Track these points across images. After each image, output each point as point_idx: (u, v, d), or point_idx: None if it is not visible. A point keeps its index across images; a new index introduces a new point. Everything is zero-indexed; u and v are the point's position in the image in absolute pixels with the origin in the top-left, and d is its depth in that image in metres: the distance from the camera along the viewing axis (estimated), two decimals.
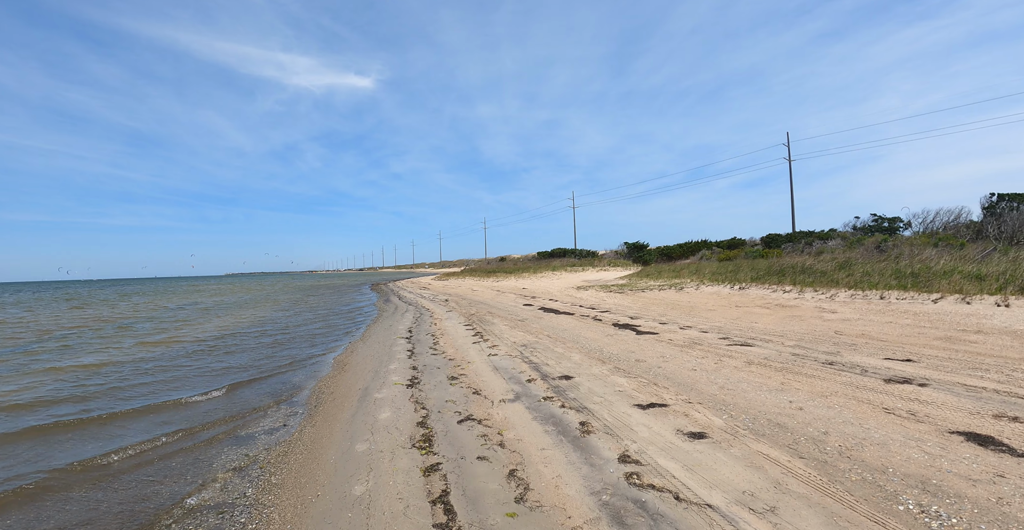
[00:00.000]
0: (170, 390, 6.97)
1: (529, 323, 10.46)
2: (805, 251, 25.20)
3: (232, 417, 5.68)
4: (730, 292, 14.23)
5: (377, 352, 8.54)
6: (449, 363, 6.88)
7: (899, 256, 13.85)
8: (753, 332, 7.91)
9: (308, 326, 14.19)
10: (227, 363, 8.80)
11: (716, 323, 9.08)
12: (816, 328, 8.03)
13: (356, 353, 8.98)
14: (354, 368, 7.62)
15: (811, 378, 5.07)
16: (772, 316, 9.62)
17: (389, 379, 6.27)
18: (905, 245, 16.27)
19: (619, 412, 4.20)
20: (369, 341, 10.17)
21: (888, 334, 7.23)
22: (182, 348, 10.61)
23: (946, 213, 25.34)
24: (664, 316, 10.40)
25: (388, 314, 15.80)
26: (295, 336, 12.10)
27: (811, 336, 7.32)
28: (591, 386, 5.04)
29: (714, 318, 9.78)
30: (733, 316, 9.90)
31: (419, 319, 12.91)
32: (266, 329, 13.84)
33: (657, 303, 13.21)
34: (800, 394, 4.58)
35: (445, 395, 5.24)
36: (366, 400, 5.47)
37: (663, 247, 41.51)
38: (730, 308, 11.24)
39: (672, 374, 5.47)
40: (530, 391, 5.04)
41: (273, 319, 16.73)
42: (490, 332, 9.45)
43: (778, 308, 10.64)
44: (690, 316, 10.25)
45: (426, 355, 7.65)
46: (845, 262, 14.08)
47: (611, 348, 7.16)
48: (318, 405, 5.84)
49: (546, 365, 6.18)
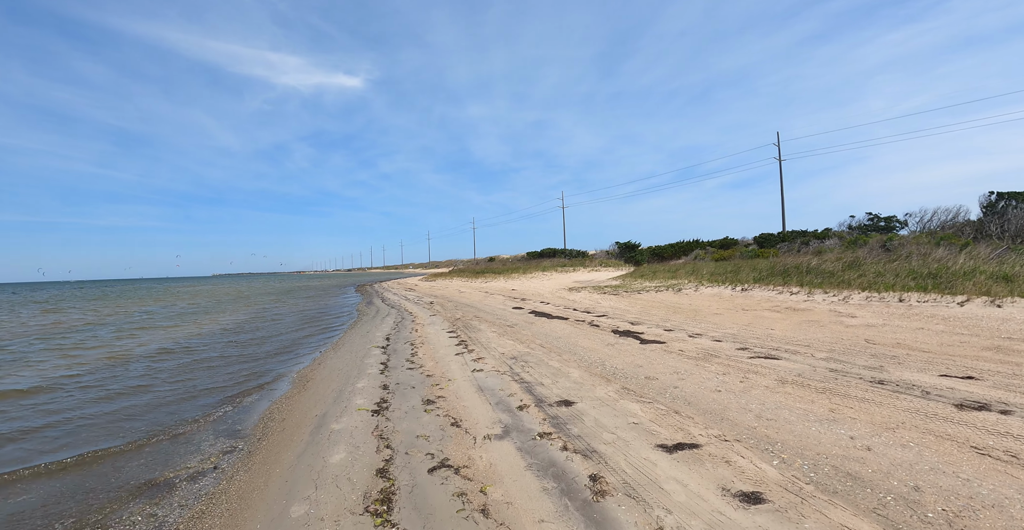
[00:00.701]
0: (90, 425, 5.84)
1: (519, 329, 9.47)
2: (802, 251, 24.59)
3: (156, 453, 4.60)
4: (732, 294, 13.40)
5: (347, 365, 7.49)
6: (426, 381, 5.86)
7: (909, 255, 13.14)
8: (772, 341, 7.01)
9: (278, 332, 13.03)
10: (175, 377, 7.65)
11: (727, 330, 8.18)
12: (842, 336, 7.16)
13: (324, 366, 7.91)
14: (317, 386, 6.56)
15: (864, 403, 4.15)
16: (786, 321, 8.75)
17: (353, 402, 5.24)
18: (911, 244, 15.61)
19: (639, 457, 3.23)
20: (341, 350, 9.10)
21: (927, 343, 6.38)
22: (139, 355, 9.41)
23: (944, 212, 24.92)
24: (668, 321, 9.49)
25: (368, 318, 14.70)
26: (260, 345, 10.96)
27: (841, 346, 6.44)
28: (598, 416, 4.07)
29: (723, 323, 8.88)
30: (744, 321, 9.01)
31: (400, 324, 11.84)
32: (232, 338, 12.66)
33: (656, 306, 12.31)
34: (859, 426, 3.65)
35: (417, 427, 4.23)
36: (320, 433, 4.43)
37: (655, 247, 40.83)
38: (737, 312, 10.37)
39: (693, 397, 4.52)
40: (522, 423, 4.05)
41: (244, 324, 15.51)
42: (476, 341, 8.44)
43: (789, 312, 9.79)
44: (696, 321, 9.35)
45: (401, 370, 6.61)
46: (853, 262, 13.33)
47: (614, 361, 6.20)
48: (262, 438, 4.79)
49: (540, 385, 5.19)
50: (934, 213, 25.31)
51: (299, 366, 8.30)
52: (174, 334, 13.44)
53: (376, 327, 11.85)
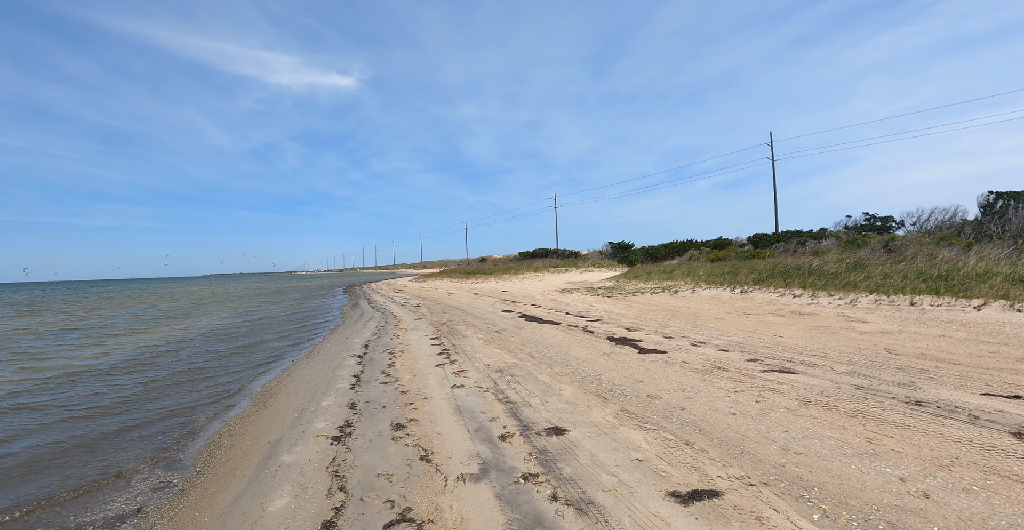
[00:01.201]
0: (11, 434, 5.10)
1: (507, 336, 8.82)
2: (798, 251, 24.16)
3: (78, 488, 3.90)
4: (731, 296, 12.83)
5: (316, 377, 6.79)
6: (400, 398, 5.19)
7: (914, 256, 12.65)
8: (784, 350, 6.41)
9: (253, 337, 12.27)
10: (127, 390, 6.89)
11: (732, 337, 7.58)
12: (858, 345, 6.58)
13: (292, 378, 7.21)
14: (279, 403, 5.87)
15: (905, 430, 3.54)
16: (794, 327, 8.17)
17: (313, 426, 4.56)
18: (914, 244, 15.16)
19: (647, 512, 2.58)
20: (315, 360, 8.39)
21: (954, 354, 5.81)
22: (96, 367, 8.63)
23: (941, 212, 24.60)
24: (667, 327, 8.88)
25: (351, 322, 13.98)
26: (231, 353, 10.21)
27: (861, 357, 5.85)
28: (594, 449, 3.42)
29: (727, 329, 8.29)
30: (748, 327, 8.42)
31: (382, 329, 11.15)
32: (202, 347, 11.90)
33: (653, 309, 11.71)
34: (907, 463, 3.04)
35: (380, 461, 3.56)
36: (267, 467, 3.75)
37: (648, 247, 40.36)
38: (739, 316, 9.79)
39: (705, 422, 3.89)
40: (503, 459, 3.39)
41: (220, 329, 14.72)
42: (460, 349, 7.77)
43: (795, 316, 9.22)
44: (697, 327, 8.75)
45: (374, 384, 5.93)
46: (857, 263, 12.82)
47: (611, 374, 5.56)
48: (203, 471, 4.10)
49: (527, 406, 4.54)
50: (931, 213, 24.99)
51: (267, 377, 7.59)
52: (145, 340, 12.64)
53: (357, 332, 11.14)
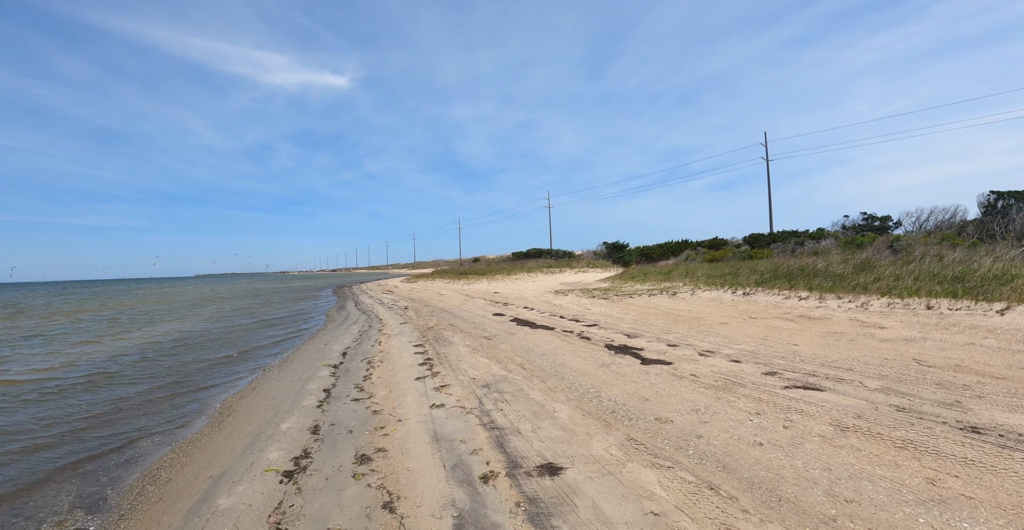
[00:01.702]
0: None
1: (497, 343, 8.16)
2: (797, 252, 23.72)
3: None
4: (733, 298, 12.26)
5: (283, 392, 6.10)
6: (371, 420, 4.51)
7: (923, 257, 12.15)
8: (802, 361, 5.80)
9: (228, 343, 11.52)
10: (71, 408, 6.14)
11: (742, 345, 6.97)
12: (882, 354, 5.98)
13: (257, 392, 6.51)
14: (235, 424, 5.18)
15: (969, 466, 2.93)
16: (806, 334, 7.58)
17: (265, 456, 3.87)
18: (920, 244, 14.68)
19: None
20: (286, 370, 7.69)
21: (991, 365, 5.23)
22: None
23: (941, 212, 24.25)
24: (669, 333, 8.26)
25: (334, 326, 13.26)
26: (200, 361, 9.48)
27: (892, 370, 5.24)
28: (598, 497, 2.77)
29: (734, 336, 7.68)
30: (757, 334, 7.82)
31: (364, 335, 10.44)
32: (170, 356, 11.14)
33: (652, 313, 11.10)
34: (987, 514, 2.42)
35: (333, 510, 2.89)
36: (199, 513, 3.06)
37: (643, 247, 39.86)
38: (744, 320, 9.19)
39: (728, 455, 3.26)
40: (484, 511, 2.73)
41: (195, 333, 13.93)
42: (444, 358, 7.10)
43: (805, 321, 8.64)
44: (702, 333, 8.13)
45: (344, 401, 5.25)
46: (864, 264, 12.29)
47: (612, 391, 4.92)
48: (127, 515, 3.41)
49: (516, 434, 3.88)
50: (931, 213, 24.63)
51: (232, 391, 6.88)
52: (111, 346, 11.84)
53: (337, 338, 10.42)
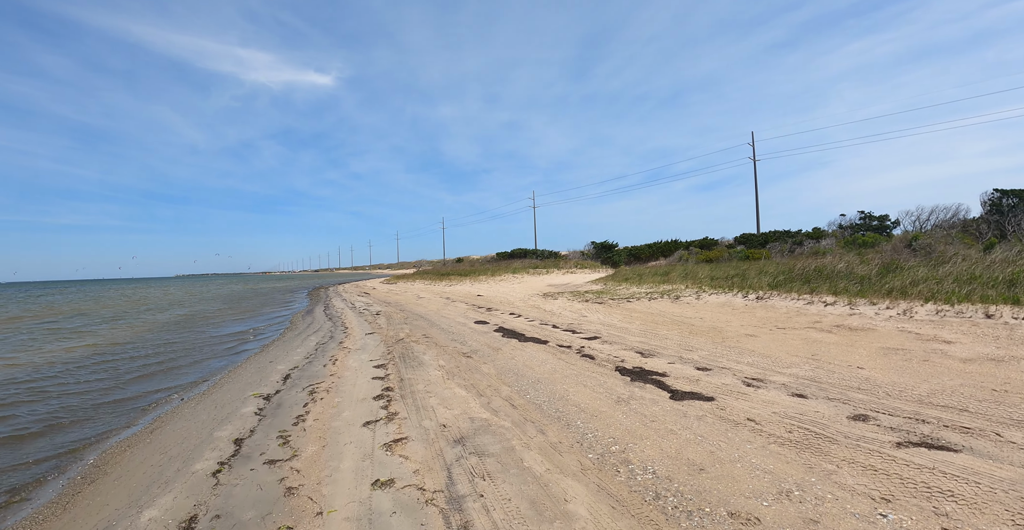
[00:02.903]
0: None
1: (479, 363, 6.58)
2: (796, 251, 22.65)
3: None
4: (747, 304, 10.89)
5: (183, 440, 4.42)
6: (277, 510, 2.89)
7: (954, 257, 10.95)
8: (887, 395, 4.34)
9: (162, 358, 9.69)
10: None
11: (792, 368, 5.51)
12: (978, 381, 4.56)
13: (154, 437, 4.82)
14: (89, 501, 3.50)
15: None
16: (860, 350, 6.16)
17: None
18: (940, 243, 13.55)
19: None
20: (206, 401, 5.99)
21: None
22: None
23: (942, 210, 23.46)
24: (691, 349, 6.78)
25: (292, 336, 11.51)
26: (114, 384, 7.68)
27: (1021, 411, 3.81)
28: None
29: (774, 353, 6.23)
30: (800, 350, 6.38)
31: (321, 349, 8.75)
32: (81, 377, 9.28)
33: (660, 321, 9.64)
34: None
35: None
36: None
37: (632, 247, 38.65)
38: (772, 331, 7.77)
39: None
40: None
41: (133, 344, 12.01)
42: (409, 388, 5.49)
43: (846, 332, 7.25)
44: (730, 349, 6.67)
45: (254, 462, 3.61)
46: (889, 265, 11.04)
47: (646, 450, 3.37)
48: None
49: None
50: (931, 212, 23.84)
51: (122, 434, 5.16)
52: (23, 362, 9.90)
53: (288, 353, 8.71)
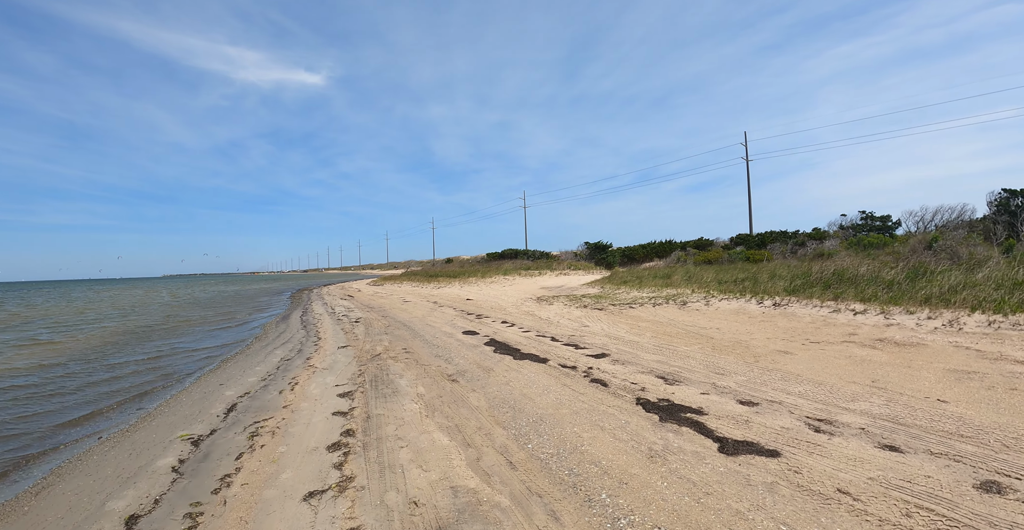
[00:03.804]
0: None
1: (466, 390, 5.44)
2: (798, 253, 21.84)
3: None
4: (763, 311, 9.88)
5: (60, 519, 3.23)
6: None
7: (986, 260, 10.05)
8: (1005, 448, 3.29)
9: (101, 378, 8.37)
10: None
11: (856, 400, 4.44)
12: None
13: (31, 509, 3.61)
14: None
15: None
16: (924, 374, 5.13)
17: None
18: (960, 245, 12.69)
19: None
20: (118, 449, 4.77)
21: None
22: None
23: (947, 210, 22.81)
24: (721, 372, 5.69)
25: (256, 349, 10.27)
26: (20, 417, 6.38)
27: None
28: None
29: (823, 378, 5.16)
30: (856, 375, 5.32)
31: (284, 367, 7.54)
32: None
33: (672, 332, 8.57)
34: None
35: None
36: None
37: (625, 248, 37.75)
38: (806, 347, 6.73)
39: None
40: None
41: (76, 357, 10.65)
42: (376, 431, 4.33)
43: (893, 348, 6.24)
44: (765, 370, 5.60)
45: None
46: (917, 268, 10.10)
47: None
48: None
49: None
50: (935, 212, 23.20)
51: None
52: None
53: (243, 372, 7.48)
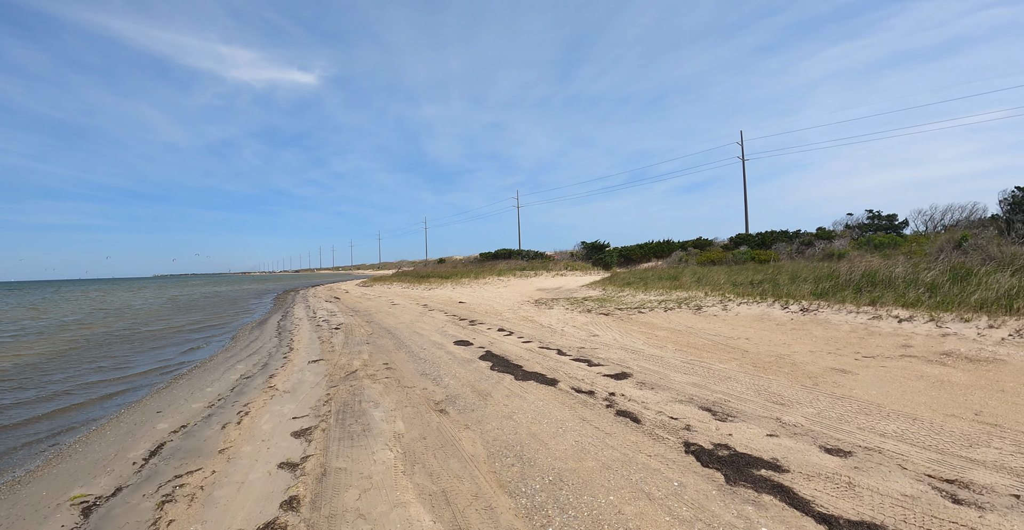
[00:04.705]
0: None
1: (457, 427, 4.30)
2: (806, 253, 20.95)
3: None
4: (791, 317, 8.84)
5: None
6: None
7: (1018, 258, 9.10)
8: None
9: (29, 394, 7.10)
10: None
11: (976, 446, 3.36)
12: None
13: None
14: None
15: None
16: None
17: None
18: (992, 245, 11.76)
19: None
20: (5, 506, 3.58)
21: None
22: None
23: (957, 209, 22.06)
24: (777, 399, 4.61)
25: (216, 363, 9.04)
26: None
27: None
28: None
29: (912, 410, 4.09)
30: (948, 405, 4.25)
31: (240, 388, 6.35)
32: None
33: (698, 344, 7.49)
34: None
35: None
36: None
37: (622, 248, 36.79)
38: (863, 363, 5.68)
39: None
40: None
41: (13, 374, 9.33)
42: (332, 497, 3.18)
43: (968, 365, 5.19)
44: (832, 397, 4.52)
45: None
46: (956, 269, 9.13)
47: None
48: None
49: None
50: (945, 211, 22.45)
51: None
52: None
53: (194, 392, 6.27)
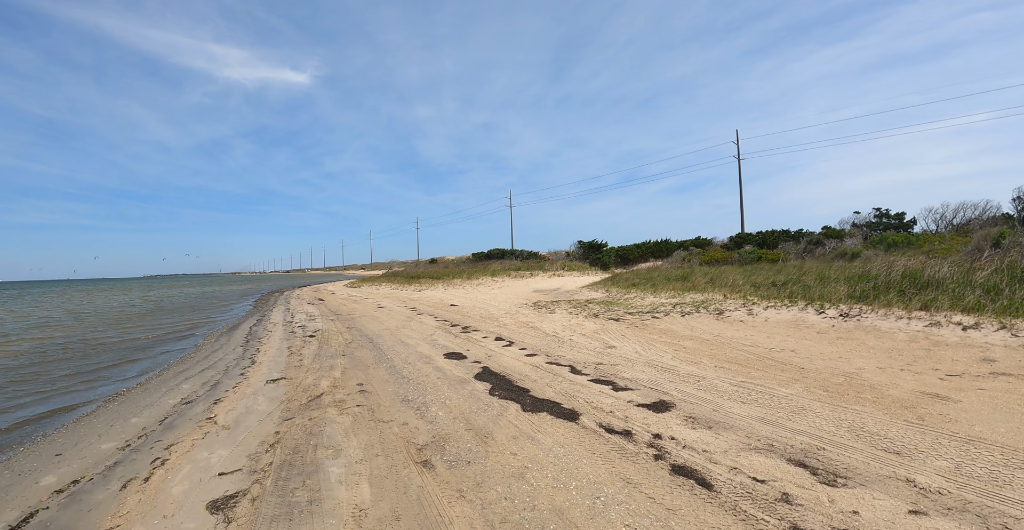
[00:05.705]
0: None
1: (447, 492, 3.08)
2: (816, 253, 19.97)
3: None
4: (830, 324, 7.73)
5: None
6: None
7: None
8: None
9: None
10: None
11: None
12: None
13: None
14: None
15: None
16: None
17: None
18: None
19: None
20: None
21: None
22: None
23: (969, 208, 21.23)
24: (889, 444, 3.43)
25: (158, 383, 7.72)
26: None
27: None
28: None
29: None
30: None
31: (171, 422, 5.07)
32: None
33: (737, 359, 6.33)
34: None
35: None
36: None
37: (619, 248, 35.75)
38: (955, 385, 4.54)
39: None
40: None
41: None
42: None
43: None
44: (955, 438, 3.36)
45: None
46: (1012, 269, 8.07)
47: None
48: None
49: None
50: (957, 209, 21.63)
51: None
52: None
53: (109, 429, 4.96)
